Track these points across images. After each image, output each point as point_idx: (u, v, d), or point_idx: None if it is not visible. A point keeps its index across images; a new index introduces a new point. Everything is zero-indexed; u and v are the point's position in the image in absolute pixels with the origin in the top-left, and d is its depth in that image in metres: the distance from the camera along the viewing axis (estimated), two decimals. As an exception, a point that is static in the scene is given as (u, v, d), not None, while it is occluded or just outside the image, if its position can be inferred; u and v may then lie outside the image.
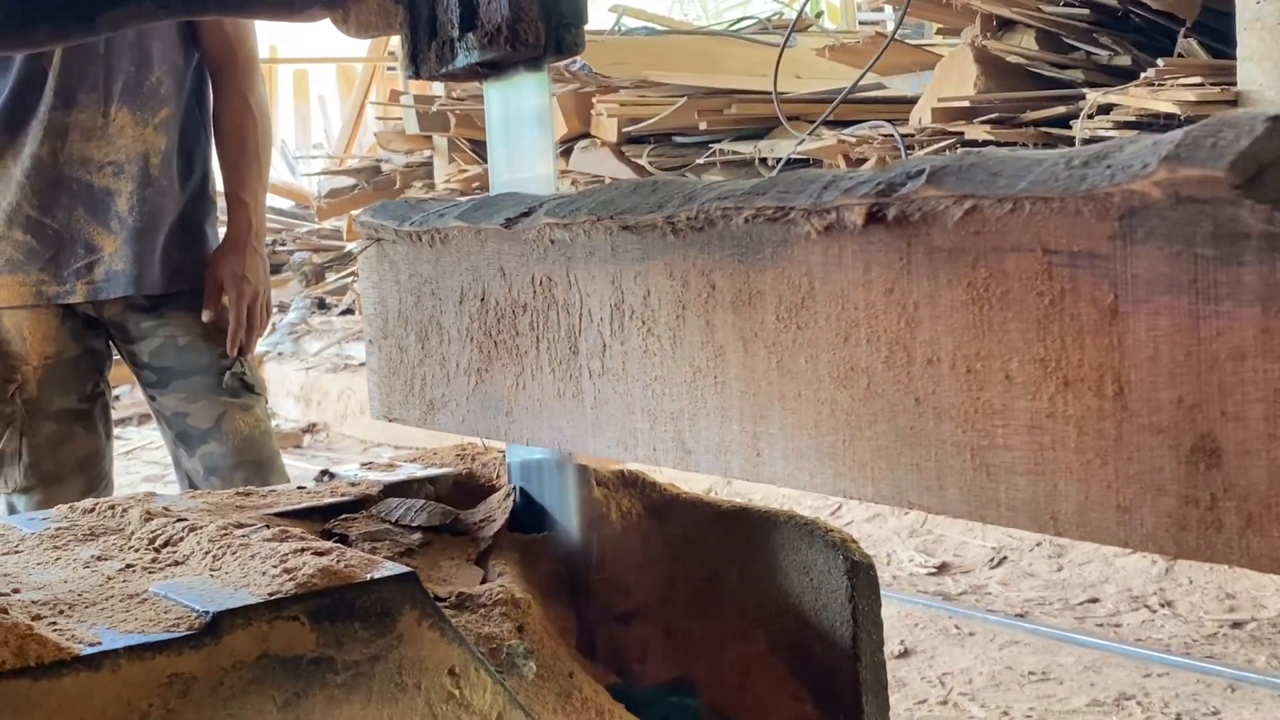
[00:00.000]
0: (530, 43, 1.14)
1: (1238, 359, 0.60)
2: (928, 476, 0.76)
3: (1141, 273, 0.63)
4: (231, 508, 1.31)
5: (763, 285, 0.84)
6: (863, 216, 0.75)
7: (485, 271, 1.09)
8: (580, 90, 5.53)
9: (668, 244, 0.90)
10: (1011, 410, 0.71)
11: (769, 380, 0.85)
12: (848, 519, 4.03)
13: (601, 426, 1.00)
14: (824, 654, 1.18)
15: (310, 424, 6.35)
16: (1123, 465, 0.66)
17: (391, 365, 1.25)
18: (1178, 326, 0.62)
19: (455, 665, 1.02)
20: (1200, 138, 0.59)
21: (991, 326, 0.71)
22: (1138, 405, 0.65)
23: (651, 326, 0.93)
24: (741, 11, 10.50)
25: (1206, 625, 3.13)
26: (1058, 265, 0.67)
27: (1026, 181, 0.67)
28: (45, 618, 0.97)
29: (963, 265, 0.72)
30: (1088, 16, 4.15)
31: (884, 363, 0.77)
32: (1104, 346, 0.66)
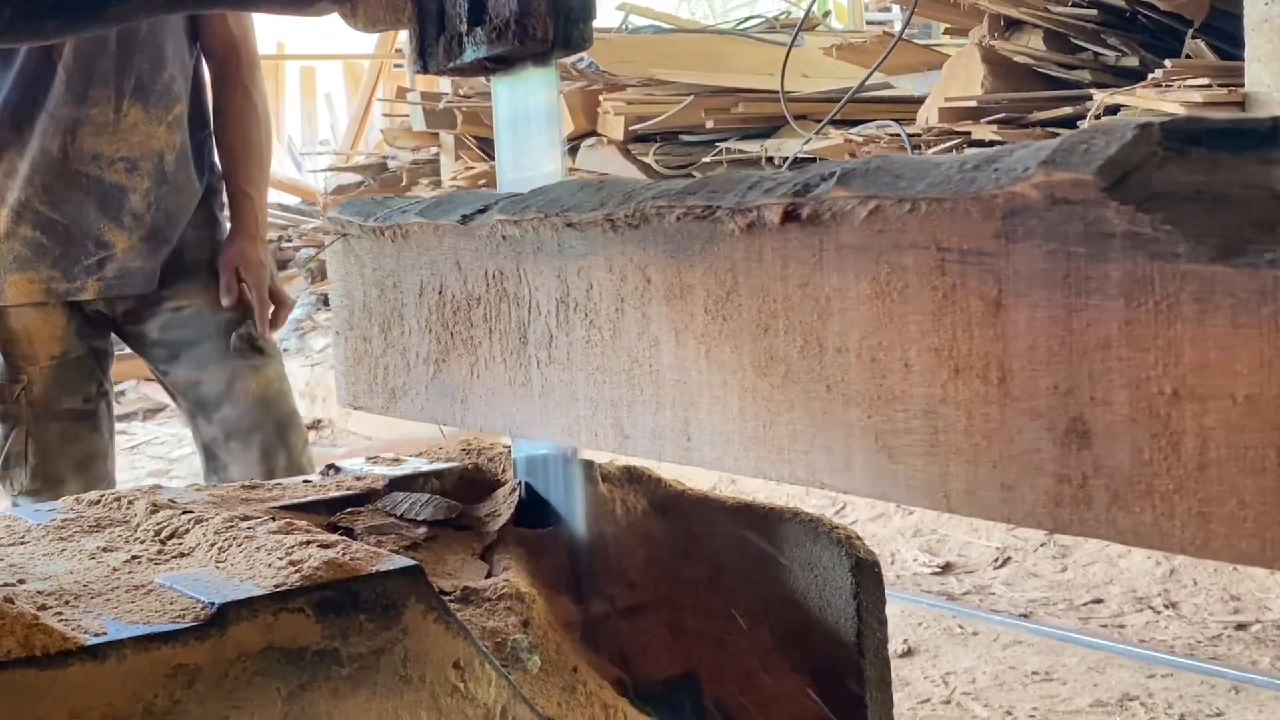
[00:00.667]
0: (538, 37, 1.14)
1: (1105, 348, 0.65)
2: (837, 459, 0.81)
3: (1022, 268, 0.68)
4: (237, 500, 1.32)
5: (692, 280, 0.89)
6: (780, 215, 0.80)
7: (443, 266, 1.14)
8: (587, 88, 5.53)
9: (608, 240, 0.95)
10: (910, 396, 0.75)
11: (698, 369, 0.90)
12: (852, 518, 4.03)
13: (548, 413, 1.05)
14: (828, 651, 1.18)
15: (316, 420, 6.36)
16: (1005, 447, 0.71)
17: (356, 355, 1.29)
18: (1053, 318, 0.67)
19: (460, 659, 1.03)
20: (1075, 144, 0.64)
21: (892, 318, 0.76)
22: (1019, 391, 0.70)
23: (593, 319, 0.98)
24: (749, 10, 10.50)
25: (1211, 626, 3.13)
26: (950, 261, 0.72)
27: (924, 184, 0.72)
28: (51, 608, 0.98)
29: (868, 261, 0.76)
30: (1095, 17, 4.15)
31: (799, 352, 0.82)
32: (990, 337, 0.70)
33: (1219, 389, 0.61)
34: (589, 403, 1.00)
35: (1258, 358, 0.59)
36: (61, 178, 2.41)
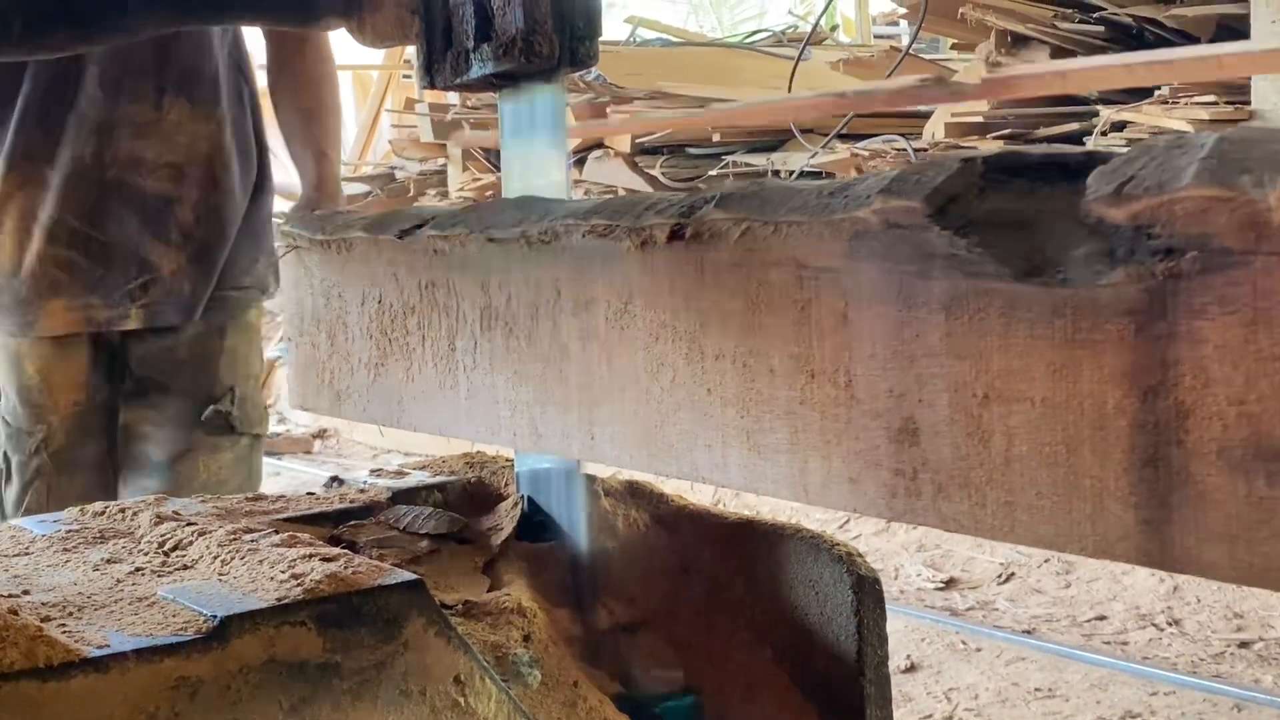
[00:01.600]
0: (544, 55, 1.15)
1: (930, 356, 0.73)
2: (716, 455, 0.88)
3: (864, 284, 0.76)
4: (241, 513, 1.32)
5: (595, 292, 0.96)
6: (666, 234, 0.88)
7: (382, 277, 1.22)
8: (594, 100, 5.54)
9: (524, 255, 1.02)
10: (775, 398, 0.83)
11: (600, 374, 0.97)
12: (855, 532, 4.03)
13: (473, 415, 1.12)
14: (829, 667, 1.18)
15: (320, 430, 6.37)
16: (852, 444, 0.78)
17: (306, 360, 1.36)
18: (889, 329, 0.75)
19: (461, 673, 1.03)
20: (910, 174, 0.72)
21: (761, 328, 0.83)
22: (862, 394, 0.78)
23: (512, 327, 1.06)
24: (756, 24, 10.52)
25: (1214, 644, 3.12)
26: (807, 278, 0.80)
27: (786, 208, 0.79)
28: (54, 619, 0.98)
29: (740, 276, 0.84)
30: (1102, 34, 4.16)
31: (684, 359, 0.90)
32: (839, 345, 0.79)
33: (1021, 393, 0.68)
34: (508, 405, 1.07)
35: (1051, 365, 0.66)
36: (98, 188, 2.08)
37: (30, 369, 2.13)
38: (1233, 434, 0.59)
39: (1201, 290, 0.60)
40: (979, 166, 0.69)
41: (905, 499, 0.75)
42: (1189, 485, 0.61)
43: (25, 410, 2.14)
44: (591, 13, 1.18)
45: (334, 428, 6.40)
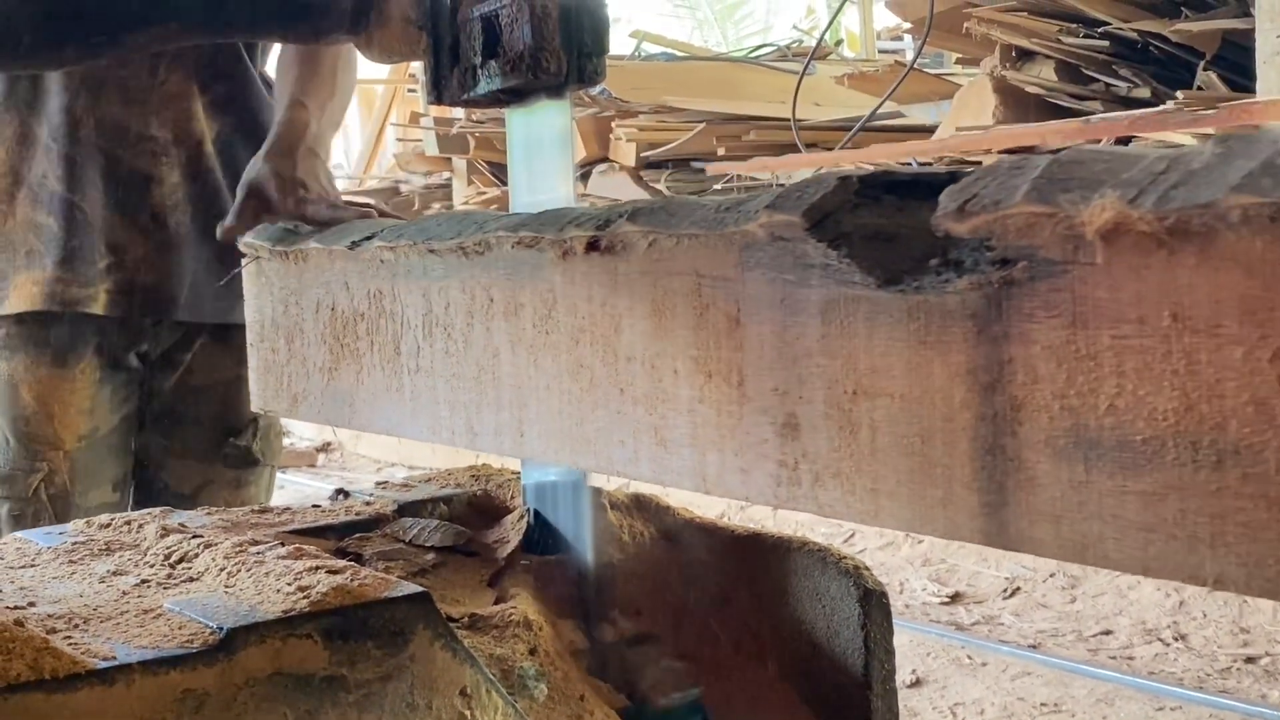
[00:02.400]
0: (552, 71, 1.15)
1: (808, 357, 0.80)
2: (628, 450, 0.94)
3: (753, 292, 0.83)
4: (246, 525, 1.32)
5: (524, 299, 1.03)
6: (584, 246, 0.94)
7: (335, 286, 1.28)
8: (600, 114, 5.55)
9: (461, 264, 1.09)
10: (678, 397, 0.90)
11: (528, 375, 1.04)
12: (860, 546, 4.03)
13: (417, 415, 1.18)
14: (835, 681, 1.18)
15: (325, 443, 6.37)
16: (743, 438, 0.85)
17: (266, 364, 1.43)
18: (774, 332, 0.82)
19: (467, 686, 1.03)
20: (792, 191, 0.78)
21: (666, 332, 0.90)
22: (752, 392, 0.84)
23: (450, 332, 1.12)
24: (761, 39, 10.54)
25: (1220, 659, 3.12)
26: (705, 286, 0.87)
27: (688, 222, 0.86)
28: (61, 631, 0.98)
29: (648, 284, 0.91)
30: (1107, 48, 4.16)
31: (601, 361, 0.96)
32: (732, 347, 0.85)
33: (883, 389, 0.75)
34: (448, 405, 1.14)
35: (908, 364, 0.73)
36: (80, 148, 1.85)
37: (27, 395, 1.86)
38: (1057, 425, 0.66)
39: (1030, 296, 0.66)
40: (854, 184, 0.75)
41: (788, 488, 0.82)
42: (1022, 471, 0.68)
43: (20, 446, 1.87)
44: (599, 30, 1.18)
45: (338, 441, 6.41)
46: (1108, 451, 0.64)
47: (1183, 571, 0.62)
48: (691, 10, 13.86)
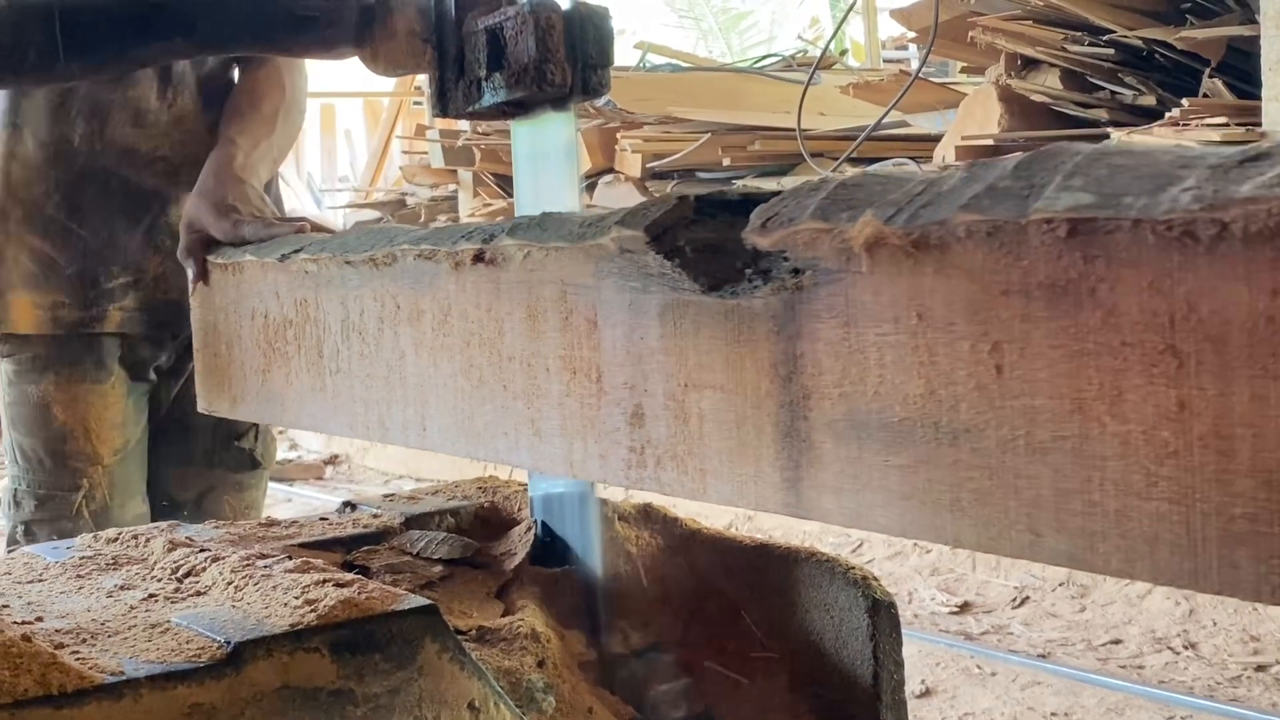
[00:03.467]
0: (557, 83, 1.15)
1: (651, 355, 0.89)
2: (511, 441, 1.04)
3: (607, 298, 0.92)
4: (254, 538, 1.32)
5: (424, 305, 1.12)
6: (471, 257, 1.04)
7: (267, 295, 1.38)
8: (605, 125, 5.56)
9: (373, 275, 1.19)
10: (550, 392, 0.99)
11: (429, 375, 1.13)
12: (868, 556, 4.02)
13: (338, 412, 1.28)
14: (844, 692, 1.17)
15: (332, 455, 6.37)
16: (601, 427, 0.94)
17: (209, 368, 1.54)
18: (624, 333, 0.91)
19: (475, 699, 1.03)
20: (640, 209, 0.87)
21: (539, 334, 0.99)
22: (608, 386, 0.94)
23: (364, 336, 1.21)
24: (766, 49, 10.55)
25: (1230, 668, 3.11)
26: (569, 293, 0.96)
27: (555, 237, 0.96)
28: (68, 646, 0.98)
29: (524, 292, 1.00)
30: (1112, 56, 4.16)
31: (488, 361, 1.05)
32: (591, 347, 0.94)
33: (708, 382, 0.85)
34: (363, 403, 1.23)
35: (727, 359, 0.83)
36: (83, 174, 1.89)
37: (61, 415, 1.90)
38: (836, 409, 0.76)
39: (816, 300, 0.76)
40: (690, 203, 0.84)
41: (636, 470, 0.92)
42: (812, 450, 0.78)
43: (57, 466, 1.90)
44: (604, 42, 1.19)
45: (345, 454, 6.41)
46: (874, 432, 0.74)
47: (931, 533, 0.72)
48: (696, 21, 13.88)
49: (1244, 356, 0.56)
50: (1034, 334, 0.64)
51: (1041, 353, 0.64)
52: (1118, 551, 0.62)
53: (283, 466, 5.98)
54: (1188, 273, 0.57)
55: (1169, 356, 0.58)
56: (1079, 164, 0.62)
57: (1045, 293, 0.63)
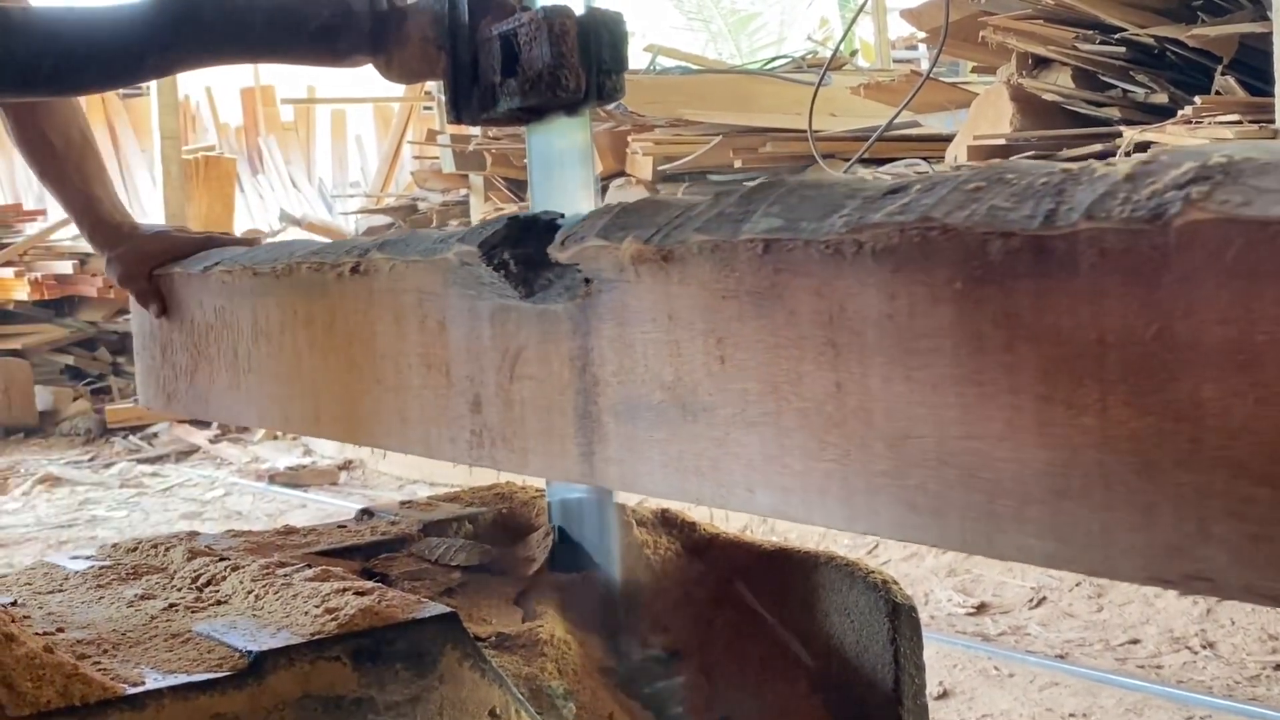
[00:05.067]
0: (571, 89, 1.15)
1: (485, 351, 1.02)
2: (384, 428, 1.17)
3: (453, 303, 1.05)
4: (273, 546, 1.32)
5: (316, 311, 1.25)
6: (350, 269, 1.17)
7: (193, 303, 1.51)
8: (616, 129, 5.56)
9: (275, 284, 1.31)
10: (412, 385, 1.12)
11: (322, 372, 1.25)
12: (884, 558, 4.01)
13: (250, 406, 1.41)
14: (865, 696, 1.17)
15: (346, 461, 6.38)
16: (450, 414, 1.07)
17: (146, 369, 1.68)
18: (465, 334, 1.05)
19: (496, 706, 1.03)
20: (477, 228, 1.00)
21: (403, 334, 1.12)
22: (455, 379, 1.07)
23: (270, 339, 1.33)
24: (775, 50, 10.55)
25: (1249, 667, 3.09)
26: (424, 299, 1.09)
27: (414, 251, 1.09)
28: (90, 657, 0.98)
29: (390, 299, 1.13)
30: (1124, 55, 4.15)
31: (365, 359, 1.18)
32: (442, 345, 1.07)
33: (527, 374, 0.98)
34: (270, 398, 1.36)
35: (540, 354, 0.97)
36: None
37: None
38: (616, 394, 0.89)
39: (600, 304, 0.89)
40: (519, 223, 0.97)
41: (476, 450, 1.04)
42: (600, 429, 0.91)
43: None
44: (618, 46, 1.18)
45: (359, 459, 6.42)
46: (642, 412, 0.86)
47: (681, 494, 0.84)
48: (705, 23, 13.88)
49: (875, 346, 0.69)
50: (744, 331, 0.78)
51: (750, 345, 0.77)
52: (803, 504, 0.75)
53: (297, 473, 5.99)
54: (840, 281, 0.71)
55: (829, 347, 0.72)
56: (781, 195, 0.76)
57: (751, 297, 0.77)
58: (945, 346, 0.65)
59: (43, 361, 7.89)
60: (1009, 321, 0.62)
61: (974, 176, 0.65)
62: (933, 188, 0.66)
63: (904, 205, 0.66)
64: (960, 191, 0.64)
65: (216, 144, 11.51)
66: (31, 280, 7.81)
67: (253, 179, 11.88)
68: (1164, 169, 0.56)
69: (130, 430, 7.15)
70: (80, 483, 6.07)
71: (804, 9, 13.88)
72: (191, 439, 6.85)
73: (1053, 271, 0.59)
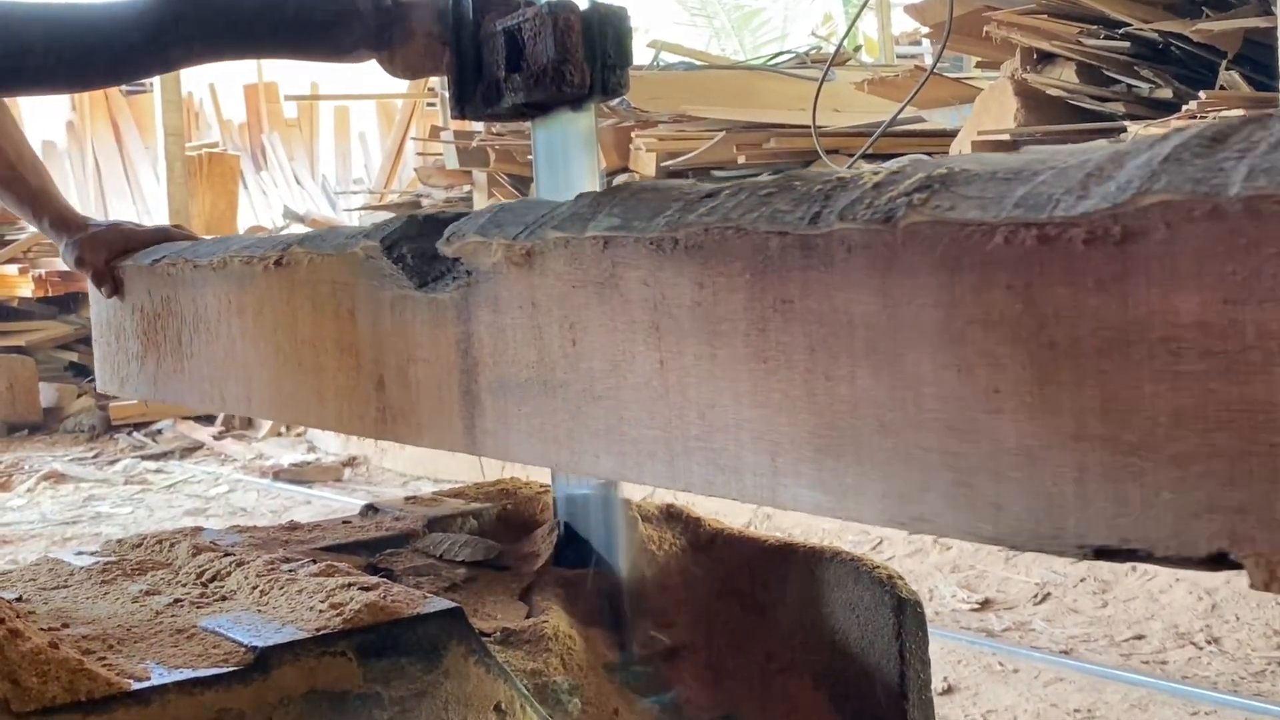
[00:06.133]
0: (575, 84, 1.15)
1: (386, 336, 1.12)
2: (304, 407, 1.27)
3: (361, 293, 1.15)
4: (278, 542, 1.32)
5: (247, 301, 1.35)
6: (274, 262, 1.26)
7: (143, 293, 1.62)
8: (619, 125, 5.56)
9: (212, 277, 1.41)
10: (328, 367, 1.22)
11: (252, 357, 1.36)
12: (889, 554, 4.01)
13: (192, 389, 1.52)
14: (870, 692, 1.17)
15: (350, 458, 6.38)
16: (358, 393, 1.17)
17: (104, 355, 1.78)
18: (371, 321, 1.14)
19: (501, 701, 1.02)
20: (381, 225, 1.10)
21: (320, 322, 1.21)
22: (363, 362, 1.16)
23: (209, 326, 1.44)
24: (779, 46, 10.54)
25: (1254, 662, 3.09)
26: (337, 290, 1.18)
27: (329, 245, 1.18)
28: (95, 652, 0.98)
29: (310, 289, 1.23)
30: (1128, 49, 4.14)
31: (289, 344, 1.27)
32: (352, 331, 1.17)
33: (421, 356, 1.08)
34: (209, 381, 1.47)
35: (430, 338, 1.06)
36: None
37: None
38: (492, 374, 0.99)
39: (479, 294, 0.99)
40: (419, 220, 1.07)
41: (380, 425, 1.14)
42: (479, 405, 1.01)
43: None
44: (622, 41, 1.18)
45: (364, 455, 6.42)
46: (513, 389, 0.96)
47: (544, 461, 0.95)
48: (709, 19, 13.87)
49: (688, 329, 0.79)
50: (591, 316, 0.87)
51: (595, 329, 0.87)
52: (636, 466, 0.85)
53: (301, 469, 5.99)
54: (662, 272, 0.80)
55: (655, 329, 0.82)
56: (624, 198, 0.85)
57: (595, 286, 0.86)
58: (739, 329, 0.76)
59: (47, 358, 7.90)
60: (784, 307, 0.73)
61: (770, 183, 0.75)
62: (738, 192, 0.76)
63: (712, 208, 0.76)
64: (755, 196, 0.75)
65: (220, 141, 11.52)
66: (36, 277, 7.82)
67: (256, 176, 11.89)
68: (903, 179, 0.66)
69: (134, 427, 7.16)
70: (85, 479, 6.07)
71: (807, 4, 13.87)
72: (195, 435, 6.86)
73: (815, 264, 0.70)
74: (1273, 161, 0.50)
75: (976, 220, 0.60)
